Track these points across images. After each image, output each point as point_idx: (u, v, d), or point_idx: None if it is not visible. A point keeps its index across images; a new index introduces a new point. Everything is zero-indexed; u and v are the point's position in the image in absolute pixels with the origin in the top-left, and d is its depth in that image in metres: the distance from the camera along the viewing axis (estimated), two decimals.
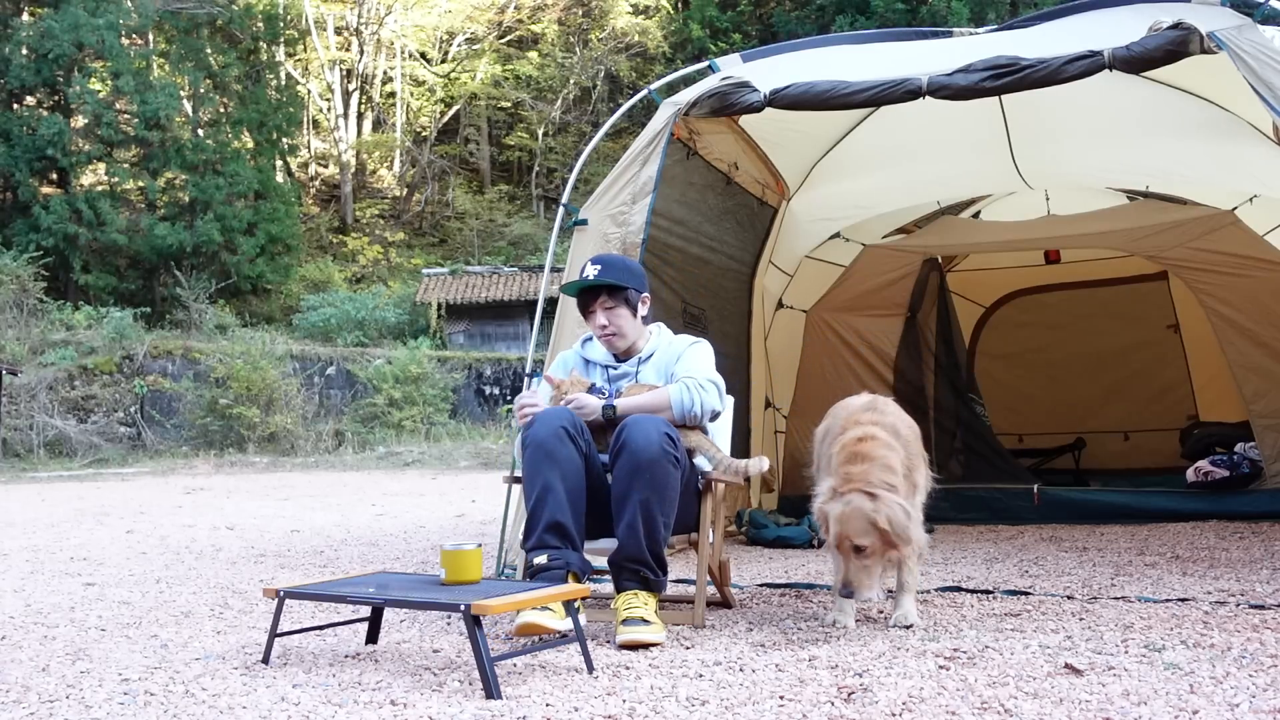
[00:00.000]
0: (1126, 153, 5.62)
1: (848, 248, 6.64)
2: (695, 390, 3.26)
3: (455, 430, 18.96)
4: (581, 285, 3.44)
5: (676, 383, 3.30)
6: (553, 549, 2.98)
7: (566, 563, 2.96)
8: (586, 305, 3.44)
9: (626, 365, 3.48)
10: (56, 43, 20.92)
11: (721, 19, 27.93)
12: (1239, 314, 6.00)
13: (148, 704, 2.45)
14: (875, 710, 2.25)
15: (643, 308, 3.49)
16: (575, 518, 3.03)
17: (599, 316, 3.40)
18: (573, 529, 3.01)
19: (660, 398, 3.27)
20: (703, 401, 3.27)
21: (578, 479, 3.06)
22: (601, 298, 3.40)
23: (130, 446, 18.17)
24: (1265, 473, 5.71)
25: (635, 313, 3.45)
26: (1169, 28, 3.79)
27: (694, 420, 3.29)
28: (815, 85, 4.31)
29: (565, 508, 3.01)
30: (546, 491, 3.01)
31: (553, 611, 2.83)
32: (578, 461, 3.07)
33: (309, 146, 30.30)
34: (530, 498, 3.06)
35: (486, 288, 23.27)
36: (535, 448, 3.06)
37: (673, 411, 3.25)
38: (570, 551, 2.99)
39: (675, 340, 3.54)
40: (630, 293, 3.42)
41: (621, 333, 3.42)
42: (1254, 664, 2.56)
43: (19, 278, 19.50)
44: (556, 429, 3.07)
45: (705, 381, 3.30)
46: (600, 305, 3.40)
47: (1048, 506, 5.97)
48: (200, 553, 5.70)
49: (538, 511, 3.02)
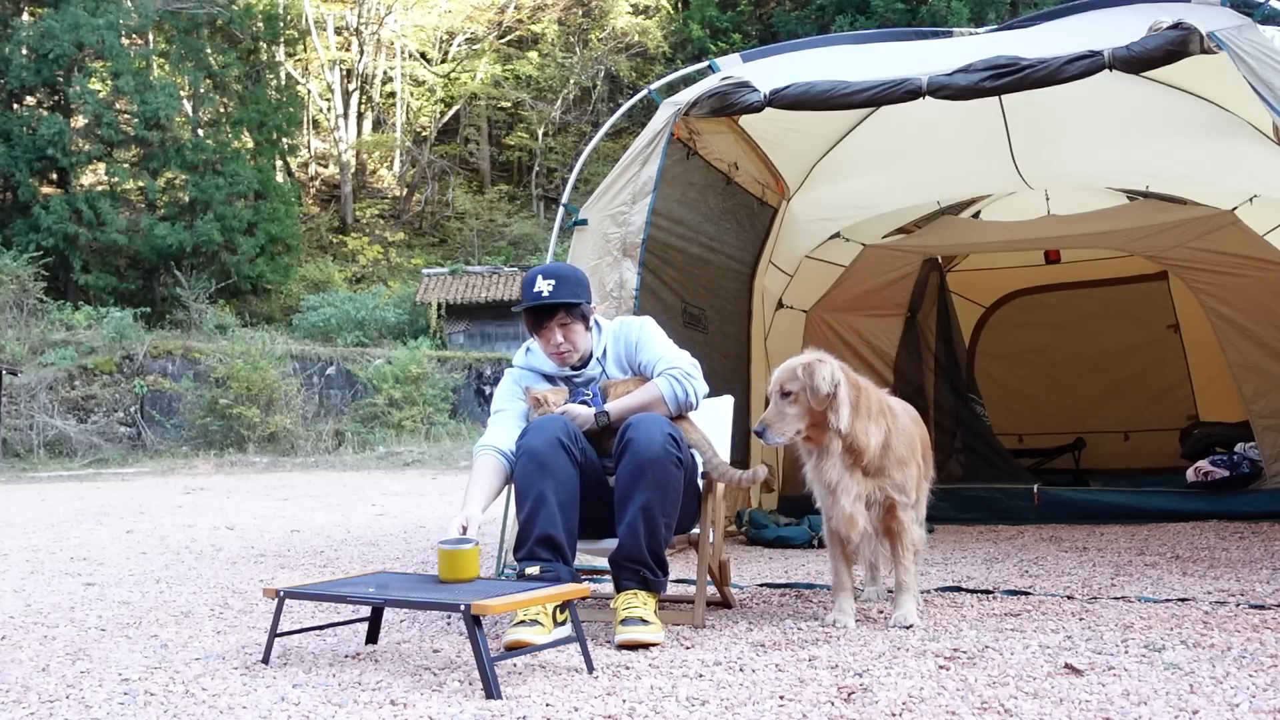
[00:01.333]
0: (1126, 153, 5.62)
1: (848, 248, 6.64)
2: (684, 380, 3.25)
3: (455, 430, 18.96)
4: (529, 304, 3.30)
5: (661, 376, 3.26)
6: (544, 560, 2.99)
7: (557, 575, 2.95)
8: (540, 323, 3.31)
9: (588, 369, 3.38)
10: (56, 43, 20.92)
11: (721, 19, 27.94)
12: (1239, 314, 6.00)
13: (148, 704, 2.45)
14: (875, 710, 2.25)
15: (594, 314, 3.41)
16: (567, 530, 3.03)
17: (555, 335, 3.29)
18: (564, 542, 3.01)
19: (652, 393, 3.25)
20: (694, 388, 3.26)
21: (570, 489, 3.06)
22: (559, 315, 3.28)
23: (130, 446, 18.17)
24: (1265, 473, 5.71)
25: (587, 325, 3.37)
26: (1169, 28, 3.79)
27: (688, 408, 3.28)
28: (815, 85, 4.31)
29: (557, 520, 3.01)
30: (539, 504, 3.01)
31: (541, 626, 2.82)
32: (571, 471, 3.07)
33: (309, 146, 30.31)
34: (523, 509, 3.06)
35: (486, 288, 23.28)
36: (528, 459, 3.06)
37: (667, 405, 3.23)
38: (560, 564, 2.99)
39: (621, 329, 3.43)
40: (584, 307, 3.33)
41: (576, 348, 3.33)
42: (1254, 664, 2.56)
43: (19, 278, 19.50)
44: (550, 439, 3.06)
45: (689, 368, 3.28)
46: (557, 323, 3.29)
47: (1048, 506, 5.97)
48: (200, 553, 5.70)
49: (530, 523, 3.02)
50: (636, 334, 3.39)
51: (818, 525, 5.32)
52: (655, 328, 3.43)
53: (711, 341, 5.41)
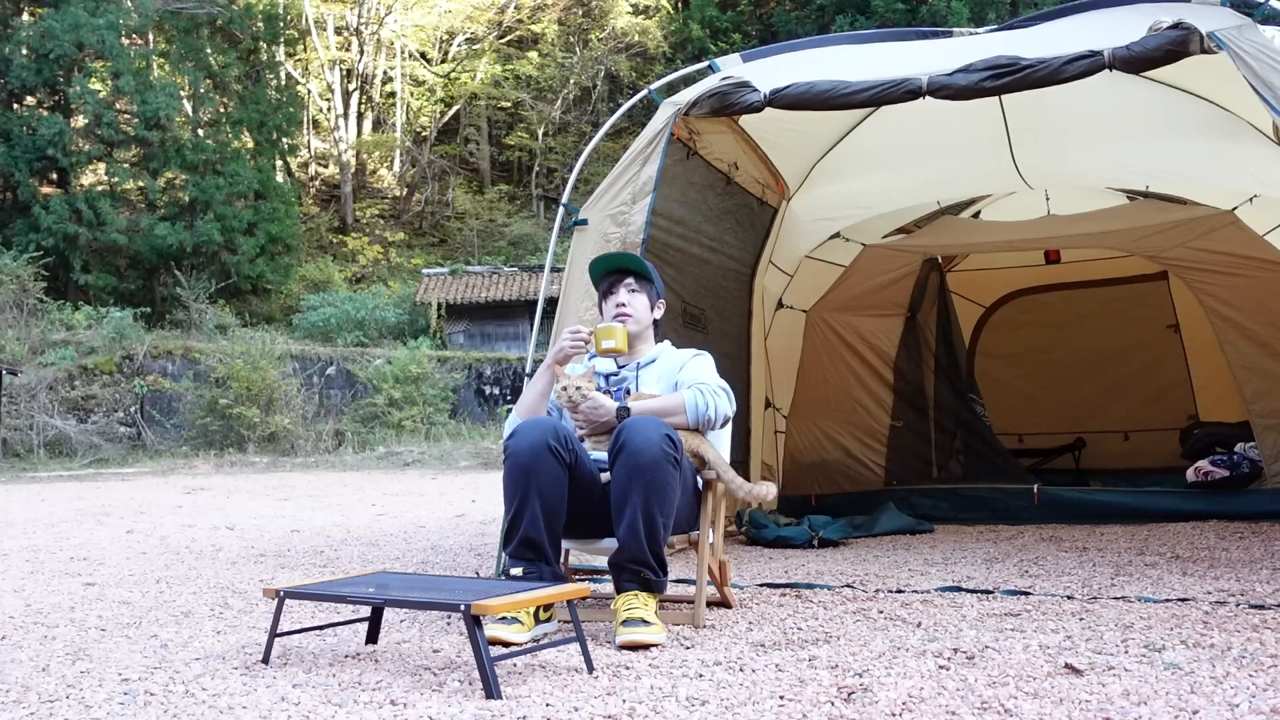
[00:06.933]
0: (1126, 153, 5.62)
1: (848, 248, 6.64)
2: (710, 395, 3.29)
3: (455, 430, 18.95)
4: (612, 262, 3.53)
5: (689, 388, 3.32)
6: (527, 561, 3.07)
7: (540, 576, 3.04)
8: (611, 285, 3.51)
9: (625, 370, 3.49)
10: (57, 43, 20.91)
11: (721, 19, 27.93)
12: (1239, 314, 6.00)
13: (148, 704, 2.45)
14: (875, 710, 2.25)
15: (657, 311, 3.56)
16: (550, 533, 3.09)
17: (620, 294, 3.47)
18: (546, 545, 3.09)
19: (675, 401, 3.30)
20: (716, 406, 3.30)
21: (556, 492, 3.10)
22: (628, 280, 3.49)
23: (130, 446, 18.17)
24: (1265, 473, 5.71)
25: (651, 309, 3.52)
26: (1169, 28, 3.79)
27: (708, 425, 3.31)
28: (815, 85, 4.31)
29: (540, 525, 3.07)
30: (523, 507, 3.08)
31: (521, 624, 2.95)
32: (558, 473, 3.09)
33: (309, 146, 30.31)
34: (509, 510, 3.13)
35: (486, 288, 23.28)
36: (513, 462, 3.10)
37: (687, 416, 3.27)
38: (544, 565, 3.08)
39: (680, 353, 3.58)
40: (653, 289, 3.53)
41: (636, 317, 3.46)
42: (1254, 664, 2.56)
43: (19, 278, 19.50)
44: (535, 443, 3.08)
45: (717, 388, 3.34)
46: (625, 286, 3.48)
47: (1048, 506, 5.97)
48: (200, 553, 5.70)
49: (514, 525, 3.10)
50: (687, 358, 3.51)
51: (818, 525, 5.34)
52: (709, 360, 3.54)
53: (711, 341, 5.40)
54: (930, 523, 5.80)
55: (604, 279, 3.57)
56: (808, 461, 6.40)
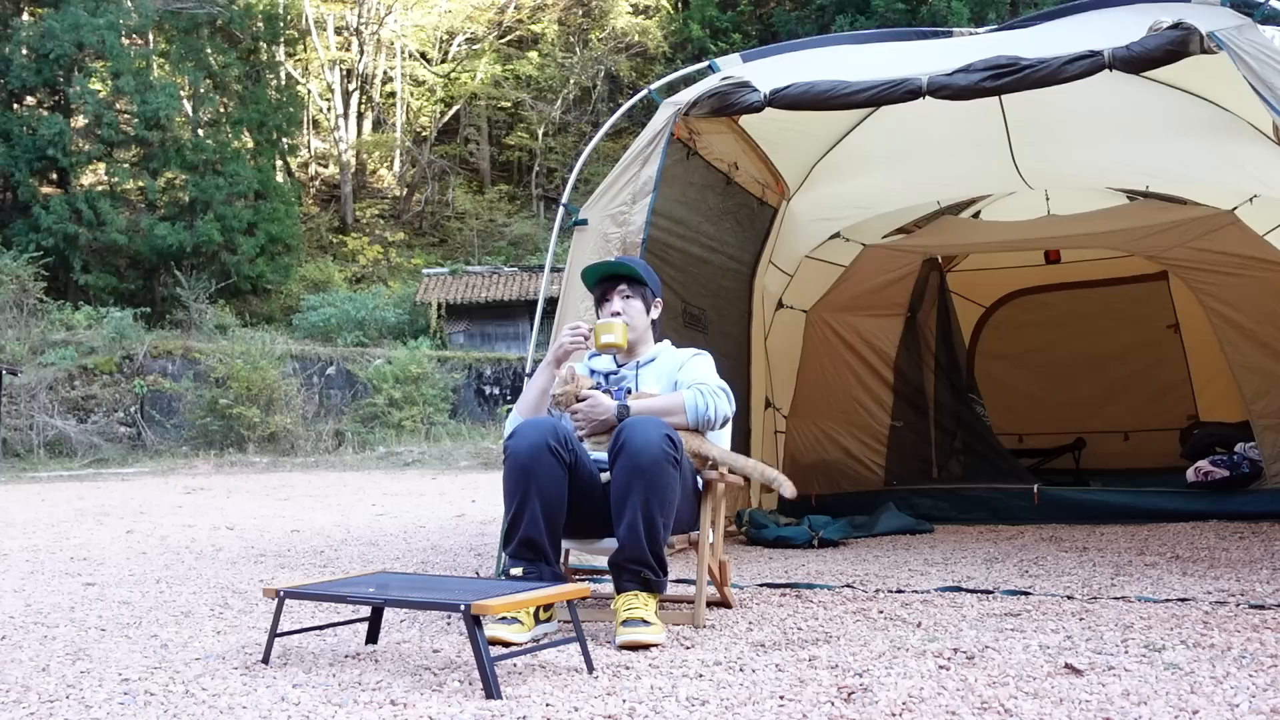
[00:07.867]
0: (1126, 153, 5.61)
1: (848, 248, 6.64)
2: (710, 395, 3.29)
3: (455, 430, 18.95)
4: (605, 269, 3.53)
5: (689, 388, 3.33)
6: (527, 561, 3.08)
7: (540, 576, 3.05)
8: (604, 293, 3.51)
9: (625, 369, 3.49)
10: (57, 43, 20.91)
11: (721, 19, 27.92)
12: (1239, 314, 5.99)
13: (148, 704, 2.45)
14: (875, 710, 2.25)
15: (654, 311, 3.57)
16: (550, 533, 3.10)
17: (615, 302, 3.47)
18: (546, 545, 3.09)
19: (674, 400, 3.30)
20: (716, 407, 3.30)
21: (556, 493, 3.10)
22: (621, 286, 3.49)
23: (130, 446, 18.17)
24: (1265, 473, 5.71)
25: (647, 311, 3.53)
26: (1169, 28, 3.79)
27: (708, 425, 3.32)
28: (815, 85, 4.31)
29: (540, 525, 3.07)
30: (522, 508, 3.08)
31: (521, 624, 2.95)
32: (558, 474, 3.10)
33: (309, 146, 30.31)
34: (508, 510, 3.13)
35: (486, 288, 23.27)
36: (513, 462, 3.11)
37: (686, 415, 3.27)
38: (544, 565, 3.08)
39: (679, 352, 3.58)
40: (648, 291, 3.52)
41: (632, 324, 3.46)
42: (1254, 664, 2.56)
43: (19, 278, 19.50)
44: (535, 443, 3.08)
45: (717, 389, 3.34)
46: (618, 293, 3.48)
47: (1048, 506, 5.97)
48: (200, 553, 5.70)
49: (514, 526, 3.11)
50: (689, 358, 3.51)
51: (818, 525, 5.34)
52: (709, 360, 3.54)
53: (711, 341, 5.39)
54: (930, 523, 5.80)
55: (597, 286, 3.57)
56: (808, 461, 6.39)
